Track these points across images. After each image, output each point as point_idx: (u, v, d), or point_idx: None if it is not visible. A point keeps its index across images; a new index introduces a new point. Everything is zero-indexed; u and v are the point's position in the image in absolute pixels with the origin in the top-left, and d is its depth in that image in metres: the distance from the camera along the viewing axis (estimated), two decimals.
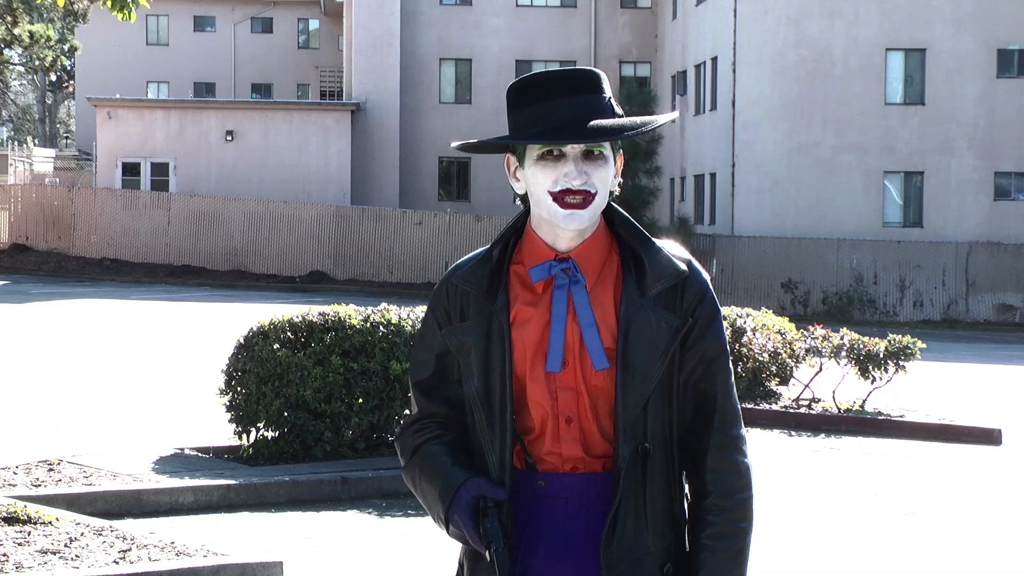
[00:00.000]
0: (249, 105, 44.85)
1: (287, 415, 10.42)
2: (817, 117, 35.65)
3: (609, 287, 2.79)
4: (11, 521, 7.86)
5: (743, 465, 2.78)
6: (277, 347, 10.48)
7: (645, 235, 2.82)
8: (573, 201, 2.73)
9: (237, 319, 19.97)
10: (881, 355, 14.35)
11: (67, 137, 79.66)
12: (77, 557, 7.22)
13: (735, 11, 35.88)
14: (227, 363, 10.81)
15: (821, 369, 14.86)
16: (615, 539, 2.71)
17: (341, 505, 9.62)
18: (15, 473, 9.70)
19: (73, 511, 8.52)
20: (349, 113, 41.74)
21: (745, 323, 15.42)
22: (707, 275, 2.85)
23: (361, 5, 42.59)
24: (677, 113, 3.13)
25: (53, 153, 58.21)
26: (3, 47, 41.87)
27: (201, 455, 10.74)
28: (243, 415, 10.60)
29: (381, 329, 10.55)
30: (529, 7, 44.00)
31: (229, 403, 10.69)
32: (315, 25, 57.29)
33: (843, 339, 14.67)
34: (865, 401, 14.78)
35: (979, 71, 35.98)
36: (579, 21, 44.17)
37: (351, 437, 10.45)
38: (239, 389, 10.61)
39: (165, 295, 32.23)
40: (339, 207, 38.58)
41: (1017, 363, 23.75)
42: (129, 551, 7.36)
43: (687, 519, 2.82)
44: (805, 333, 15.29)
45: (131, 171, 40.39)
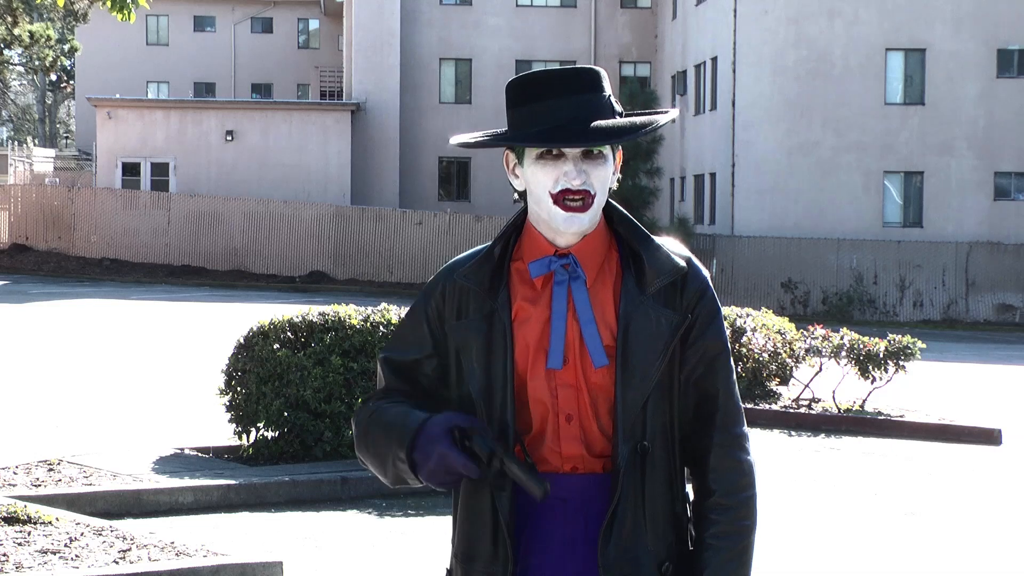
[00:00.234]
0: (249, 105, 44.86)
1: (287, 415, 10.42)
2: (817, 117, 35.65)
3: (608, 284, 2.78)
4: (11, 521, 7.86)
5: (746, 463, 2.77)
6: (277, 347, 10.48)
7: (644, 232, 2.81)
8: (573, 203, 2.70)
9: (237, 319, 19.97)
10: (881, 355, 14.35)
11: (67, 137, 79.66)
12: (77, 557, 7.22)
13: (735, 11, 35.88)
14: (227, 363, 10.82)
15: (821, 369, 14.86)
16: (612, 539, 2.70)
17: (341, 505, 9.63)
18: (15, 473, 9.70)
19: (73, 511, 8.52)
20: (349, 113, 41.74)
21: (745, 323, 15.42)
22: (707, 272, 2.83)
23: (361, 5, 42.59)
24: (677, 111, 3.11)
25: (53, 153, 58.21)
26: (3, 47, 41.85)
27: (201, 455, 10.75)
28: (243, 415, 10.60)
29: (381, 329, 10.56)
30: (529, 7, 44.00)
31: (229, 403, 10.69)
32: (315, 25, 57.29)
33: (843, 339, 14.67)
34: (865, 401, 14.78)
35: (979, 71, 35.97)
36: (579, 21, 44.17)
37: (351, 437, 10.41)
38: (239, 389, 10.62)
39: (165, 295, 32.23)
40: (339, 207, 38.58)
41: (1017, 363, 23.75)
42: (129, 551, 7.37)
43: (690, 518, 2.81)
44: (805, 333, 15.29)
45: (131, 171, 40.39)
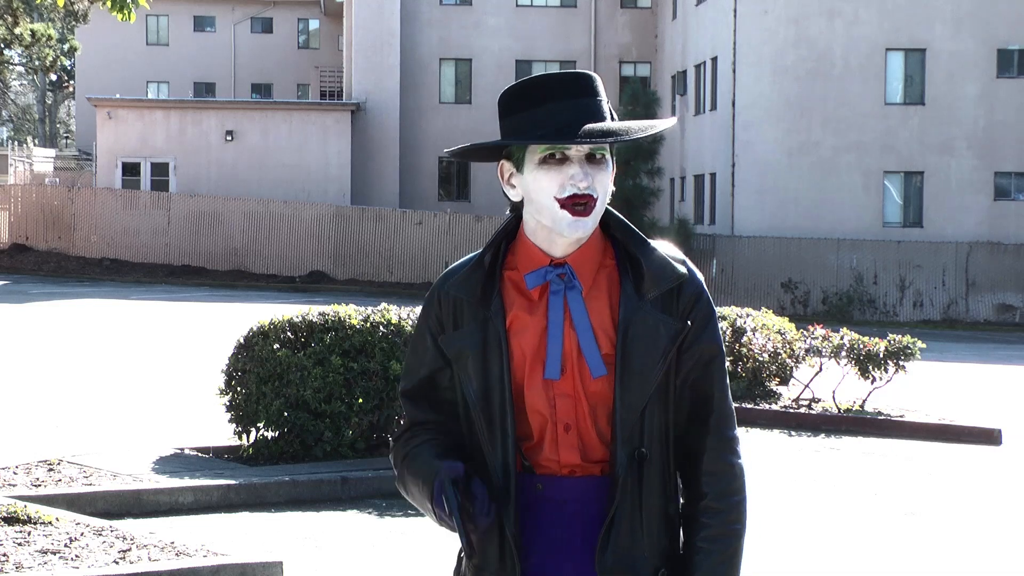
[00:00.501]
0: (249, 105, 44.86)
1: (287, 415, 10.42)
2: (817, 117, 35.65)
3: (605, 292, 2.76)
4: (11, 521, 7.86)
5: (737, 467, 2.78)
6: (277, 347, 10.48)
7: (641, 237, 2.79)
8: (579, 208, 2.67)
9: (237, 319, 19.97)
10: (881, 355, 14.35)
11: (67, 137, 79.66)
12: (77, 557, 7.21)
13: (735, 11, 35.88)
14: (227, 363, 10.82)
15: (821, 369, 14.86)
16: (610, 545, 2.71)
17: (341, 505, 9.63)
18: (15, 473, 9.70)
19: (73, 511, 8.52)
20: (349, 113, 41.74)
21: (745, 323, 15.41)
22: (701, 275, 2.83)
23: (361, 5, 42.59)
24: (676, 119, 3.10)
25: (53, 153, 58.23)
26: (3, 47, 41.85)
27: (201, 455, 10.75)
28: (243, 415, 10.60)
29: (381, 329, 10.55)
30: (529, 7, 43.99)
31: (229, 403, 10.69)
32: (315, 25, 57.30)
33: (843, 339, 14.67)
34: (865, 401, 14.78)
35: (979, 71, 35.98)
36: (579, 21, 44.16)
37: (351, 437, 10.45)
38: (239, 389, 10.62)
39: (165, 295, 32.23)
40: (339, 207, 38.58)
41: (1017, 363, 23.75)
42: (129, 551, 7.36)
43: (682, 519, 2.82)
44: (805, 333, 15.29)
45: (131, 171, 40.39)
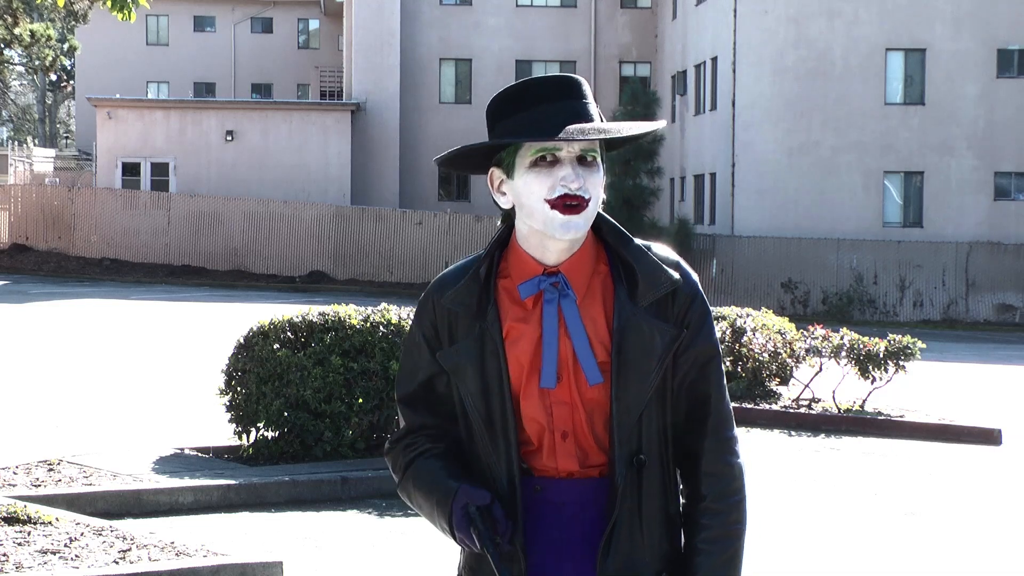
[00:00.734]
0: (249, 105, 44.85)
1: (287, 415, 10.42)
2: (817, 117, 35.65)
3: (599, 299, 2.75)
4: (11, 521, 7.86)
5: (736, 467, 2.78)
6: (277, 347, 10.48)
7: (635, 243, 2.77)
8: (571, 207, 2.65)
9: (237, 319, 19.97)
10: (881, 355, 14.35)
11: (67, 137, 79.67)
12: (77, 557, 7.21)
13: (735, 11, 35.88)
14: (227, 363, 10.82)
15: (821, 369, 14.86)
16: (611, 551, 2.71)
17: (341, 505, 9.63)
18: (15, 473, 9.70)
19: (73, 511, 8.52)
20: (349, 113, 41.74)
21: (745, 323, 15.42)
22: (696, 276, 2.81)
23: (361, 5, 42.59)
24: (664, 122, 3.08)
25: (53, 153, 58.23)
26: (3, 47, 41.84)
27: (201, 455, 10.75)
28: (243, 415, 10.60)
29: (381, 329, 10.55)
30: (529, 7, 43.99)
31: (229, 403, 10.69)
32: (315, 25, 57.30)
33: (843, 339, 14.67)
34: (865, 401, 14.78)
35: (979, 71, 35.98)
36: (579, 21, 44.16)
37: (351, 437, 10.45)
38: (239, 389, 10.62)
39: (165, 295, 32.23)
40: (339, 207, 38.58)
41: (1017, 363, 23.75)
42: (129, 551, 7.36)
43: (682, 519, 2.82)
44: (805, 333, 15.29)
45: (131, 171, 40.39)
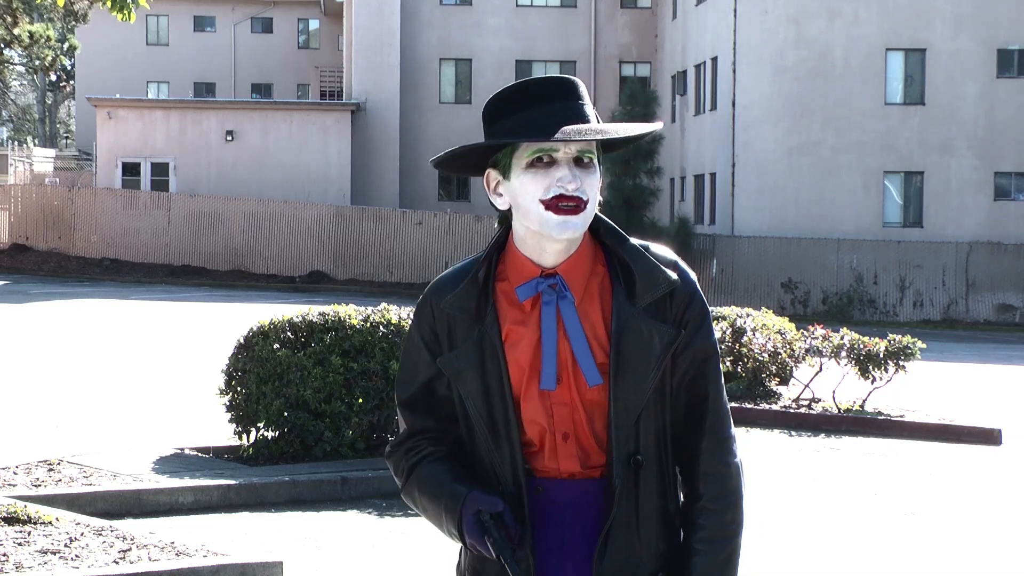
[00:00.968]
0: (249, 105, 44.85)
1: (287, 415, 10.42)
2: (817, 117, 35.65)
3: (597, 300, 2.75)
4: (11, 521, 7.86)
5: (734, 466, 2.78)
6: (277, 347, 10.48)
7: (632, 244, 2.77)
8: (566, 207, 2.65)
9: (237, 319, 19.97)
10: (881, 355, 14.35)
11: (67, 137, 79.67)
12: (77, 557, 7.21)
13: (735, 11, 35.88)
14: (227, 363, 10.81)
15: (821, 369, 14.86)
16: (608, 552, 2.72)
17: (341, 505, 9.63)
18: (15, 473, 9.70)
19: (73, 511, 8.52)
20: (349, 113, 41.74)
21: (745, 323, 15.42)
22: (694, 275, 2.81)
23: (361, 5, 42.59)
24: (661, 124, 3.08)
25: (53, 153, 58.22)
26: (3, 47, 41.84)
27: (201, 455, 10.75)
28: (243, 415, 10.60)
29: (381, 329, 10.55)
30: (529, 7, 43.99)
31: (229, 403, 10.69)
32: (315, 25, 57.30)
33: (843, 339, 14.67)
34: (865, 401, 14.78)
35: (979, 71, 35.98)
36: (579, 21, 44.16)
37: (351, 437, 10.45)
38: (239, 389, 10.62)
39: (165, 295, 32.23)
40: (339, 207, 38.58)
41: (1017, 363, 23.75)
42: (129, 551, 7.36)
43: (680, 518, 2.82)
44: (805, 333, 15.29)
45: (131, 171, 40.39)
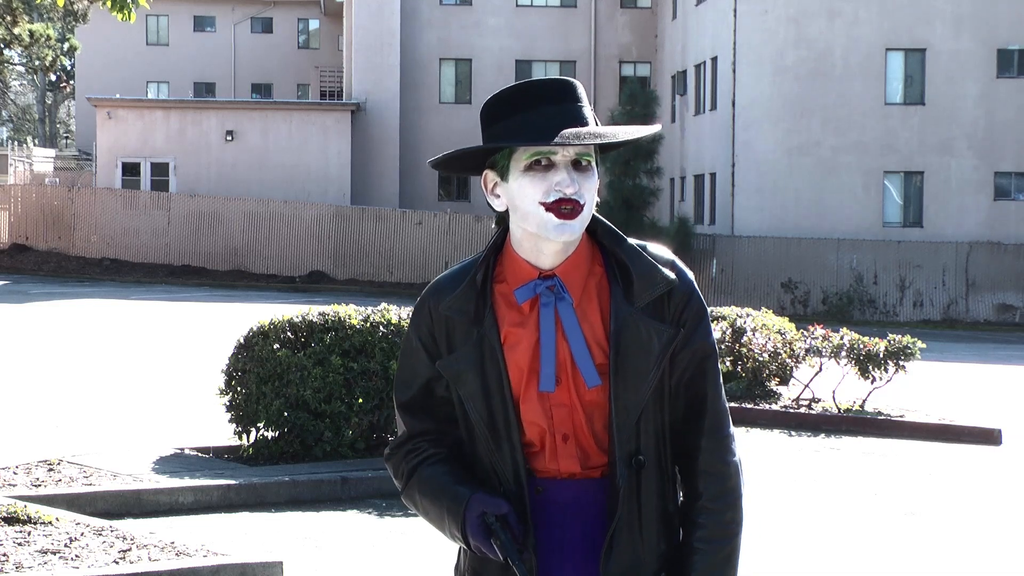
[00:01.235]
0: (249, 105, 44.85)
1: (287, 415, 10.42)
2: (817, 117, 35.65)
3: (595, 301, 2.75)
4: (11, 521, 7.86)
5: (732, 465, 2.78)
6: (277, 347, 10.48)
7: (630, 244, 2.77)
8: (565, 210, 2.65)
9: (237, 319, 19.97)
10: (881, 355, 14.35)
11: (67, 137, 79.67)
12: (77, 557, 7.21)
13: (735, 11, 35.88)
14: (227, 363, 10.81)
15: (821, 369, 14.86)
16: (614, 553, 2.72)
17: (341, 505, 9.63)
18: (15, 473, 9.70)
19: (73, 511, 8.52)
20: (349, 113, 41.73)
21: (745, 323, 15.42)
22: (692, 274, 2.82)
23: (361, 5, 42.59)
24: (659, 126, 3.08)
25: (53, 153, 58.23)
26: (3, 47, 41.84)
27: (201, 455, 10.74)
28: (243, 415, 10.60)
29: (381, 329, 10.55)
30: (529, 7, 43.99)
31: (229, 403, 10.69)
32: (315, 25, 57.30)
33: (843, 339, 14.67)
34: (865, 401, 14.78)
35: (979, 71, 35.98)
36: (579, 21, 44.16)
37: (351, 437, 10.45)
38: (239, 389, 10.61)
39: (165, 295, 32.23)
40: (339, 207, 38.58)
41: (1017, 363, 23.75)
42: (129, 551, 7.36)
43: (680, 517, 2.82)
44: (805, 333, 15.29)
45: (131, 171, 40.39)
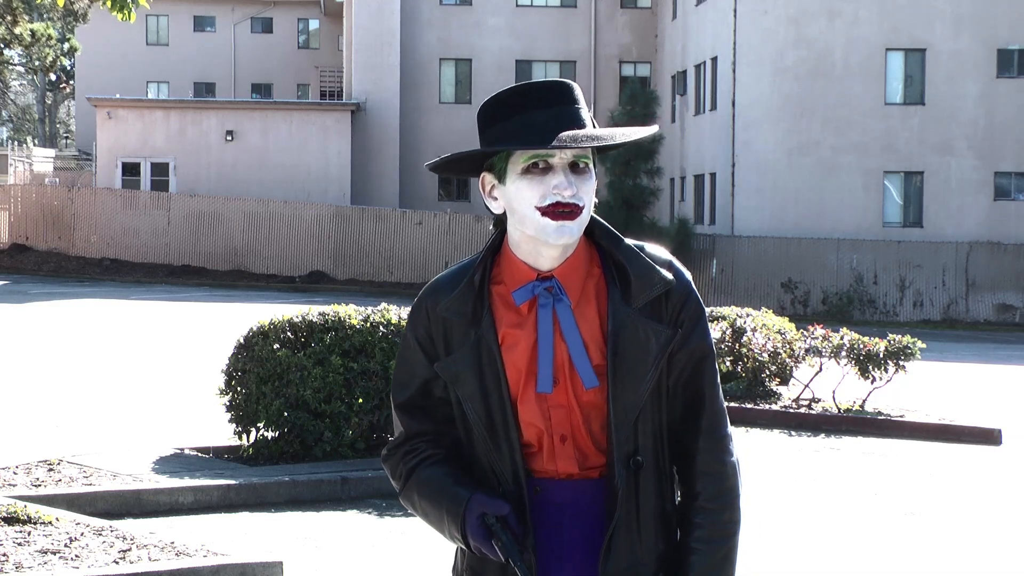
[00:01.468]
0: (249, 105, 44.85)
1: (287, 415, 10.42)
2: (817, 117, 35.65)
3: (593, 301, 2.75)
4: (11, 521, 7.86)
5: (730, 465, 2.79)
6: (277, 347, 10.48)
7: (627, 244, 2.77)
8: (562, 213, 2.64)
9: (237, 319, 19.97)
10: (881, 355, 14.35)
11: (67, 137, 79.67)
12: (77, 557, 7.21)
13: (735, 11, 35.88)
14: (227, 363, 10.81)
15: (821, 369, 14.85)
16: (612, 554, 2.72)
17: (341, 505, 9.63)
18: (15, 473, 9.70)
19: (73, 511, 8.52)
20: (349, 113, 41.73)
21: (745, 323, 15.42)
22: (689, 274, 2.82)
23: (361, 5, 42.59)
24: (656, 127, 3.08)
25: (53, 153, 58.24)
26: (3, 47, 41.84)
27: (201, 455, 10.75)
28: (243, 415, 10.60)
29: (381, 329, 10.56)
30: (529, 7, 43.99)
31: (229, 403, 10.69)
32: (315, 25, 57.29)
33: (843, 339, 14.67)
34: (865, 401, 14.78)
35: (979, 71, 35.98)
36: (579, 21, 44.16)
37: (351, 437, 10.45)
38: (239, 389, 10.62)
39: (165, 295, 32.23)
40: (339, 207, 38.58)
41: (1017, 363, 23.75)
42: (129, 551, 7.36)
43: (678, 517, 2.82)
44: (805, 333, 15.29)
45: (131, 171, 40.39)
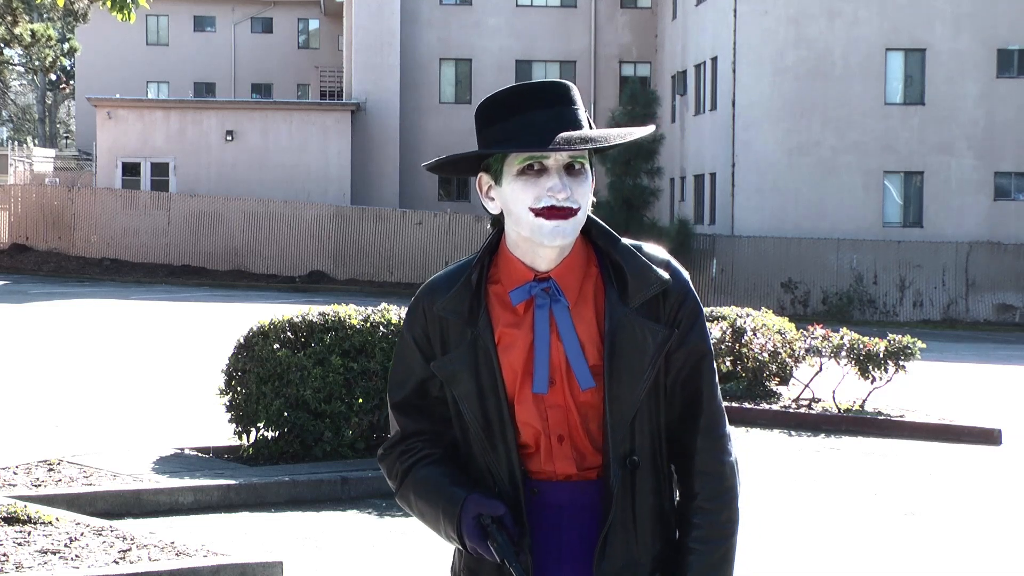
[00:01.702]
0: (249, 105, 44.85)
1: (287, 415, 10.42)
2: (817, 117, 35.65)
3: (590, 302, 2.75)
4: (11, 521, 7.86)
5: (728, 465, 2.79)
6: (277, 347, 10.48)
7: (624, 244, 2.77)
8: (558, 215, 2.65)
9: (237, 319, 19.97)
10: (881, 355, 14.35)
11: (67, 137, 79.67)
12: (77, 557, 7.21)
13: (735, 11, 35.88)
14: (227, 363, 10.81)
15: (821, 369, 14.85)
16: (607, 554, 2.72)
17: (341, 505, 9.63)
18: (15, 473, 9.70)
19: (73, 511, 8.52)
20: (349, 113, 41.73)
21: (745, 323, 15.42)
22: (687, 274, 2.82)
23: (361, 5, 42.59)
24: (653, 127, 3.07)
25: (53, 153, 58.23)
26: (3, 47, 41.84)
27: (201, 455, 10.75)
28: (243, 415, 10.60)
29: (381, 329, 10.56)
30: (529, 7, 43.99)
31: (229, 403, 10.69)
32: (315, 25, 57.29)
33: (843, 339, 14.67)
34: (865, 401, 14.78)
35: (979, 71, 35.98)
36: (579, 21, 44.16)
37: (351, 437, 10.45)
38: (239, 389, 10.62)
39: (165, 295, 32.23)
40: (339, 207, 38.58)
41: (1017, 363, 23.75)
42: (129, 551, 7.36)
43: (676, 516, 2.82)
44: (805, 333, 15.29)
45: (131, 171, 40.39)
